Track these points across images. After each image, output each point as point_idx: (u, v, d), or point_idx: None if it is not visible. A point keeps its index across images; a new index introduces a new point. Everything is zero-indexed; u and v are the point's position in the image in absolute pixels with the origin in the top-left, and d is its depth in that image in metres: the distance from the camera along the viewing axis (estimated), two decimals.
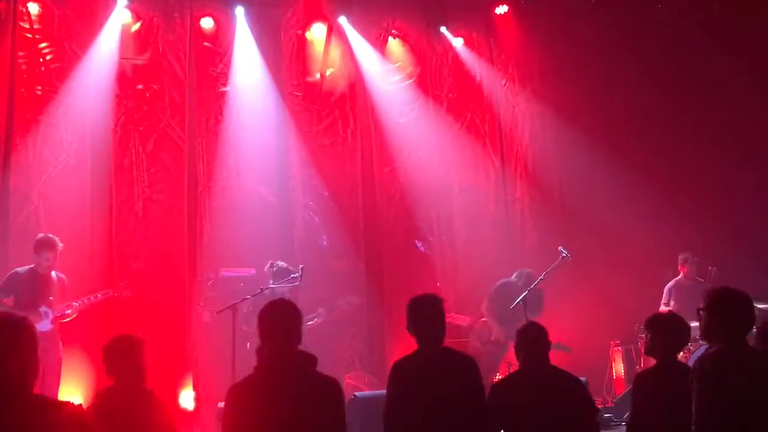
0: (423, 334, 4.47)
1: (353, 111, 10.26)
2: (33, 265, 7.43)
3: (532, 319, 6.54)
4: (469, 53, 10.90)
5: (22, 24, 8.83)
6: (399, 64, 10.64)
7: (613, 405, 8.68)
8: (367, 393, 7.40)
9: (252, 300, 7.65)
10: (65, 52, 9.02)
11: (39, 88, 8.91)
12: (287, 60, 10.05)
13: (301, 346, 3.88)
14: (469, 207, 10.66)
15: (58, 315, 7.36)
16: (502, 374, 8.29)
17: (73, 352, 7.70)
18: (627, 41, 10.74)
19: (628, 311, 9.23)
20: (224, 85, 9.68)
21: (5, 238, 8.34)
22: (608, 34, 10.74)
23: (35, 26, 8.93)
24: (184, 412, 8.32)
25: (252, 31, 9.72)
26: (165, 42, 9.37)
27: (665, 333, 4.69)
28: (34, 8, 8.93)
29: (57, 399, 3.84)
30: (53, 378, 7.19)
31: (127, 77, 9.24)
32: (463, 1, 10.82)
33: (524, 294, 8.04)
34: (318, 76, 10.17)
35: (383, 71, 10.40)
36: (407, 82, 10.63)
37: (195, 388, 8.52)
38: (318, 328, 8.53)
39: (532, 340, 4.77)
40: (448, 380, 4.32)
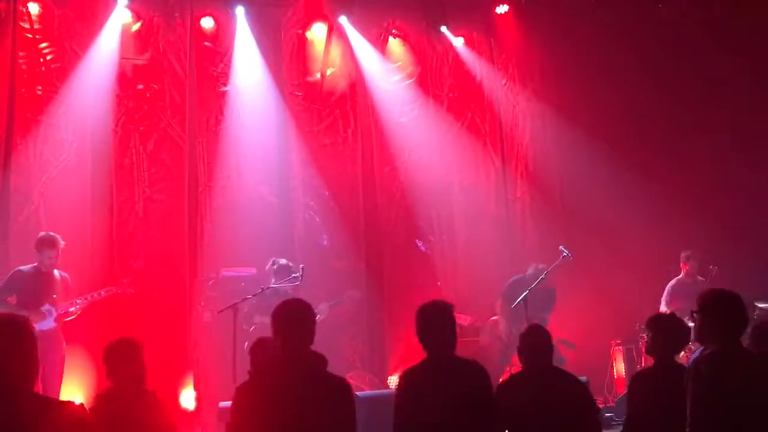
0: (432, 342, 4.36)
1: (354, 111, 10.25)
2: (36, 263, 7.41)
3: (533, 320, 6.54)
4: (469, 53, 10.89)
5: (22, 24, 8.83)
6: (399, 63, 10.64)
7: (614, 404, 8.68)
8: (369, 392, 7.40)
9: (253, 300, 7.66)
10: (65, 52, 9.01)
11: (39, 88, 8.91)
12: (287, 60, 10.04)
13: None
14: (470, 206, 10.65)
15: (62, 313, 7.34)
16: (504, 375, 8.29)
17: (75, 351, 7.68)
18: (627, 40, 10.72)
19: (629, 310, 9.24)
20: (224, 84, 9.67)
21: (6, 238, 8.34)
22: (609, 33, 10.72)
23: (35, 26, 8.92)
24: (184, 411, 8.32)
25: (252, 31, 9.72)
26: (165, 42, 9.36)
27: (665, 333, 4.70)
28: (34, 8, 8.92)
29: (58, 399, 3.85)
30: (56, 376, 7.17)
31: (127, 77, 9.24)
32: (463, 0, 10.81)
33: (525, 294, 8.04)
34: (318, 75, 10.16)
35: (384, 71, 10.40)
36: (408, 82, 10.63)
37: (196, 387, 8.50)
38: (318, 327, 8.49)
39: (534, 341, 4.78)
40: (457, 389, 4.23)
